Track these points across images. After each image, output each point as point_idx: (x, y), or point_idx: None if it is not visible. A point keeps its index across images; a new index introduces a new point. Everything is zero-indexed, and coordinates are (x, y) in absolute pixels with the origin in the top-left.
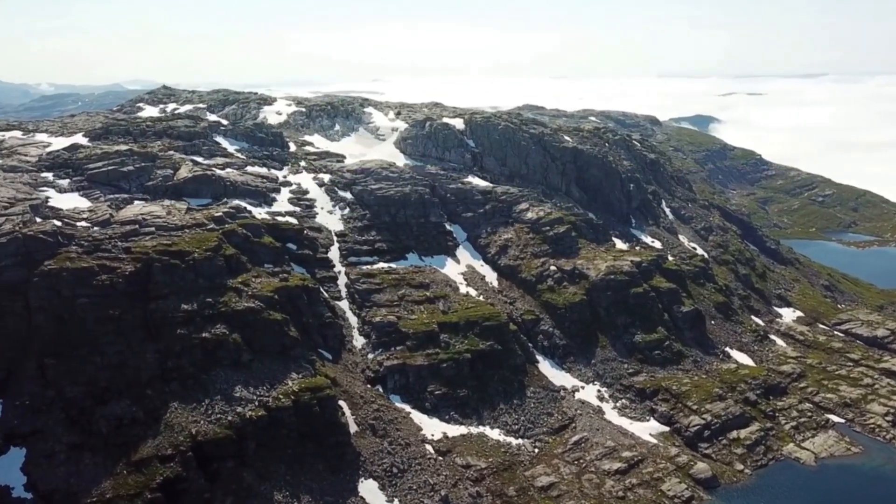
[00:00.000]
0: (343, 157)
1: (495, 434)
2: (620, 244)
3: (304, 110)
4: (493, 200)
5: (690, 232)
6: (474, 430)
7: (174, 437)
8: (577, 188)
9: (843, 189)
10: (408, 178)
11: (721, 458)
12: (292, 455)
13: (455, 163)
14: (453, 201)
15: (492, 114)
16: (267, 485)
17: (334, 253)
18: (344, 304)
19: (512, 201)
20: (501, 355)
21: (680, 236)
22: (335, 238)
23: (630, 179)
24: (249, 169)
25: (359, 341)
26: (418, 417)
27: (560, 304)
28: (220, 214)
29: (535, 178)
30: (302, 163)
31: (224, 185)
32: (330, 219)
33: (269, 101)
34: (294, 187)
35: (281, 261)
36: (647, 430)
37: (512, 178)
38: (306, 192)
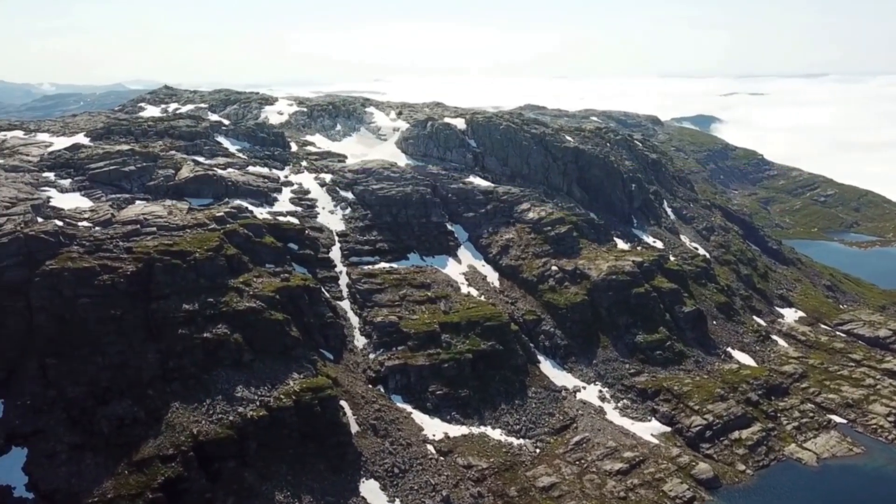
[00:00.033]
0: (344, 157)
1: (497, 434)
2: (622, 244)
3: (306, 110)
4: (495, 200)
5: (692, 232)
6: (476, 431)
7: (175, 437)
8: (579, 188)
9: (845, 189)
10: (409, 178)
11: (723, 459)
12: (294, 455)
13: (456, 163)
14: (455, 201)
15: (493, 114)
16: (268, 485)
17: (336, 253)
18: (345, 304)
19: (513, 201)
20: (503, 355)
21: (681, 236)
22: (336, 238)
23: (632, 179)
24: (251, 169)
25: (360, 341)
26: (419, 417)
27: (561, 305)
28: (222, 214)
29: (537, 179)
30: (303, 163)
31: (225, 185)
32: (331, 219)
33: (271, 101)
34: (295, 187)
35: (282, 261)
36: (649, 431)
37: (513, 178)
38: (308, 192)
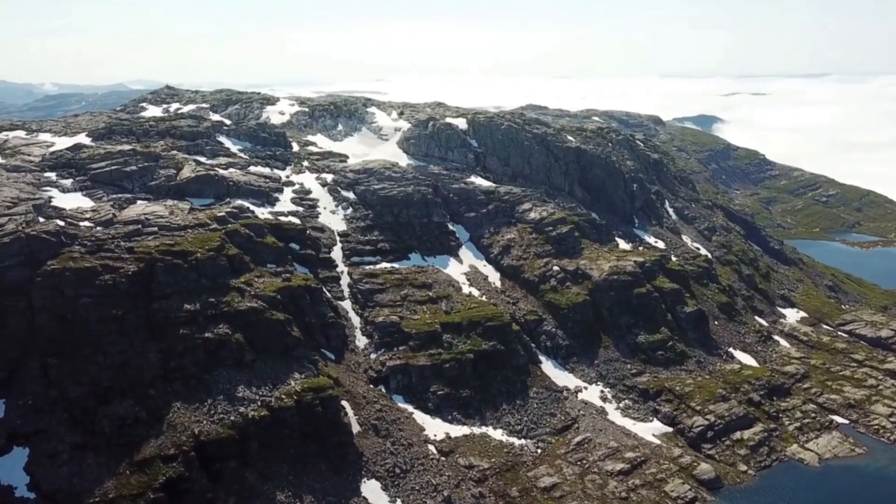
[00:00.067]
0: (346, 157)
1: (498, 434)
2: (623, 244)
3: (307, 110)
4: (496, 200)
5: (694, 232)
6: (477, 431)
7: (177, 437)
8: (581, 188)
9: (847, 189)
10: (411, 178)
11: (724, 459)
12: (295, 455)
13: (458, 163)
14: (456, 201)
15: (495, 114)
16: (269, 485)
17: (337, 253)
18: (347, 304)
19: (515, 201)
20: (504, 356)
21: (683, 236)
22: (338, 238)
23: (633, 179)
24: (252, 169)
25: (361, 341)
26: (421, 418)
27: (563, 305)
28: (223, 214)
29: (538, 178)
30: (305, 163)
31: (227, 185)
32: (333, 219)
33: (272, 101)
34: (297, 187)
35: (284, 261)
36: (651, 431)
37: (515, 178)
38: (309, 192)
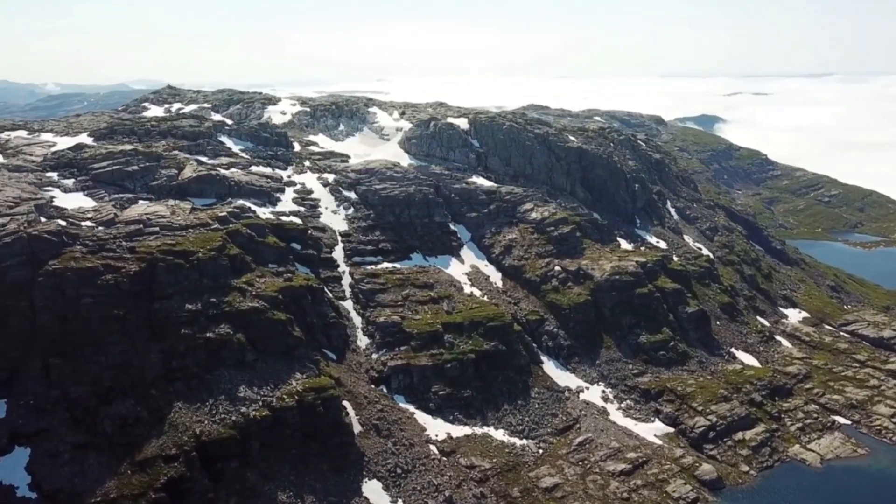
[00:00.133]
0: (347, 157)
1: (499, 435)
2: (625, 244)
3: (309, 110)
4: (498, 200)
5: (695, 232)
6: (478, 431)
7: (178, 437)
8: (582, 188)
9: (849, 189)
10: (412, 178)
11: (726, 460)
12: (296, 455)
13: (459, 163)
14: (458, 201)
15: (496, 113)
16: (271, 485)
17: (338, 253)
18: (348, 304)
19: (516, 201)
20: (506, 356)
21: (685, 236)
22: (339, 238)
23: (635, 179)
24: (254, 169)
25: (363, 341)
26: (422, 418)
27: (564, 305)
28: (225, 214)
29: (540, 178)
30: (306, 163)
31: (228, 185)
32: (334, 219)
33: (274, 101)
34: (298, 187)
35: (285, 261)
36: (652, 431)
37: (516, 178)
38: (310, 192)
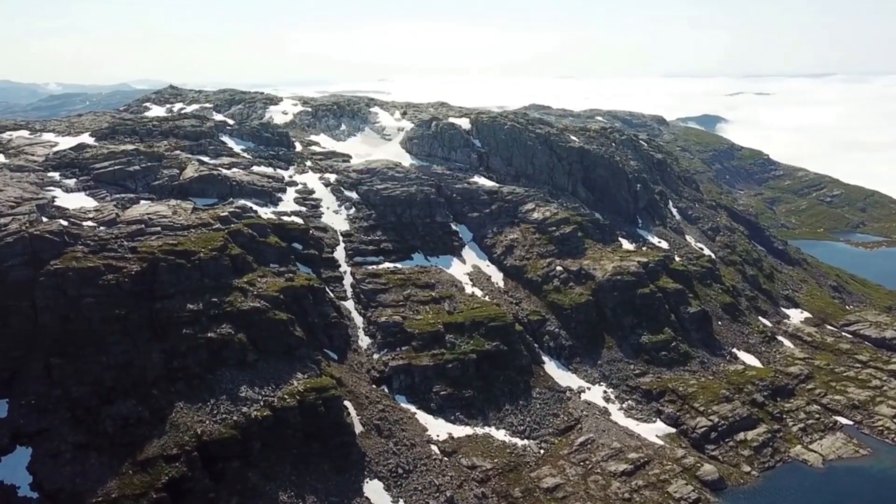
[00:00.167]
0: (349, 157)
1: (501, 435)
2: (627, 244)
3: (310, 110)
4: (499, 200)
5: (697, 232)
6: (480, 431)
7: (179, 437)
8: (584, 188)
9: (852, 189)
10: (413, 178)
11: (728, 460)
12: (297, 455)
13: (461, 163)
14: (459, 201)
15: (498, 113)
16: (272, 485)
17: (340, 253)
18: (349, 304)
19: (518, 201)
20: (507, 356)
21: (687, 237)
22: (341, 238)
23: (637, 179)
24: (255, 169)
25: (364, 341)
26: (424, 418)
27: (566, 305)
28: (226, 214)
29: (542, 178)
30: (308, 162)
31: (230, 185)
32: (336, 219)
33: (275, 101)
34: (300, 187)
35: (286, 261)
36: (654, 432)
37: (518, 178)
38: (312, 192)
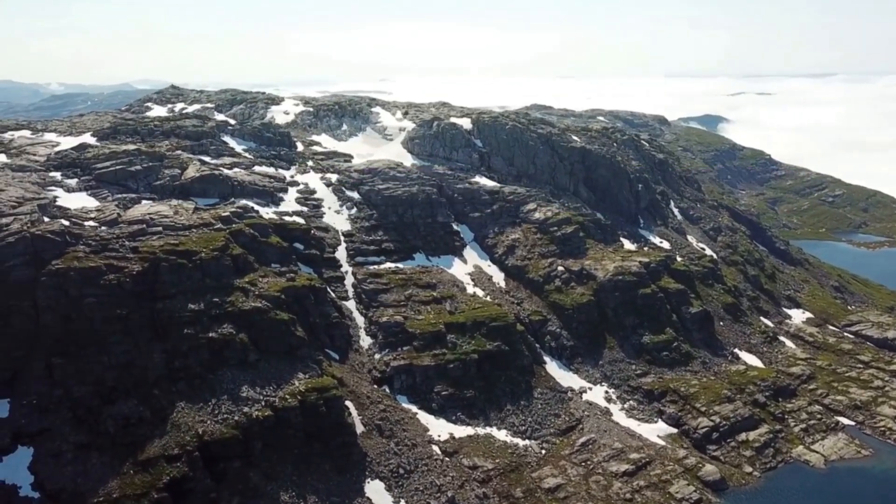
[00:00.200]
0: (350, 157)
1: (502, 435)
2: (629, 245)
3: (312, 110)
4: (501, 200)
5: (699, 232)
6: (481, 431)
7: (181, 437)
8: (586, 188)
9: (853, 189)
10: (415, 178)
11: (730, 461)
12: (299, 455)
13: (462, 163)
14: (461, 201)
15: (499, 113)
16: (273, 485)
17: (341, 253)
18: (351, 304)
19: (519, 201)
20: (508, 356)
21: (688, 237)
22: (342, 238)
23: (638, 179)
24: (257, 168)
25: (365, 341)
26: (425, 418)
27: (568, 305)
28: (228, 214)
29: (543, 178)
30: (309, 162)
31: (231, 185)
32: (337, 219)
33: (277, 101)
34: (301, 187)
35: (288, 260)
36: (655, 432)
37: (519, 178)
38: (313, 192)
